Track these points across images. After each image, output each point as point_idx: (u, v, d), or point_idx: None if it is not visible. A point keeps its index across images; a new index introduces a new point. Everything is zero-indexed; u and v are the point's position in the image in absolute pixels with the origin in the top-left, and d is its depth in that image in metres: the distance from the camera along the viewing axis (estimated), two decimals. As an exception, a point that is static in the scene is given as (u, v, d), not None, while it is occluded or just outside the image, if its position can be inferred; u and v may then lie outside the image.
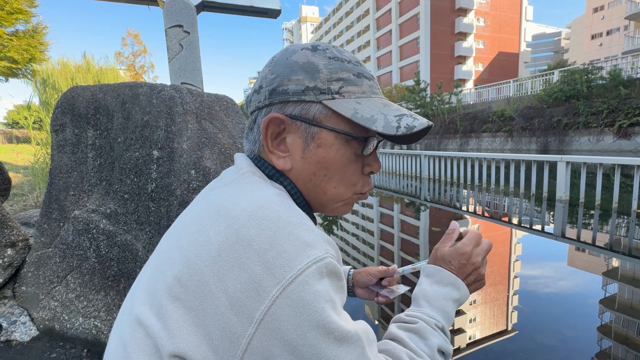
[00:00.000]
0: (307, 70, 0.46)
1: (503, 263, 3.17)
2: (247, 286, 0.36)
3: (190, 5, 3.46)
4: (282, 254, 0.37)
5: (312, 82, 0.46)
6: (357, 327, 0.40)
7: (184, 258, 0.40)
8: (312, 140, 0.47)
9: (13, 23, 7.31)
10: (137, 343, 0.39)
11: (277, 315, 0.35)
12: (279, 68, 0.48)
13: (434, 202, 6.09)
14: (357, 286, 0.79)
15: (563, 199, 5.27)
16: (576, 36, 51.47)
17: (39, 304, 1.84)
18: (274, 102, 0.47)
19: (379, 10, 43.92)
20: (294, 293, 0.35)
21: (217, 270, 0.37)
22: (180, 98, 1.81)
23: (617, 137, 11.81)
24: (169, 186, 1.71)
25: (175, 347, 0.36)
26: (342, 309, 0.41)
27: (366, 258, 3.46)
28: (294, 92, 0.46)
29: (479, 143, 17.03)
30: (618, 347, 1.87)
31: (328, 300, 0.37)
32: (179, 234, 0.45)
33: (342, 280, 0.42)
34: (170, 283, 0.39)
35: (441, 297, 0.56)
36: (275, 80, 0.47)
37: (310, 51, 0.48)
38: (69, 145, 1.93)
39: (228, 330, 0.36)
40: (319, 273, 0.37)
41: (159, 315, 0.39)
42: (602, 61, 14.58)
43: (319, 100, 0.46)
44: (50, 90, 4.65)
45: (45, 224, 1.92)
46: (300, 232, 0.39)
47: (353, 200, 0.53)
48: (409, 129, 0.45)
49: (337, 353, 0.37)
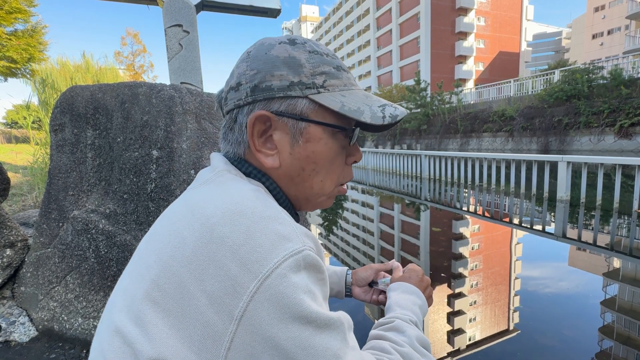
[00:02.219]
0: (290, 65, 0.46)
1: (504, 263, 3.16)
2: (224, 284, 0.35)
3: (189, 5, 3.45)
4: (257, 249, 0.36)
5: (297, 77, 0.45)
6: (338, 314, 0.41)
7: (159, 260, 0.40)
8: (300, 136, 0.47)
9: (12, 22, 7.30)
10: (115, 352, 0.38)
11: (256, 310, 0.35)
12: (259, 64, 0.46)
13: (435, 202, 6.08)
14: (355, 284, 0.79)
15: (564, 199, 5.26)
16: (577, 36, 51.44)
17: (38, 304, 1.84)
18: (258, 99, 0.46)
19: (379, 9, 43.89)
20: (271, 287, 0.35)
21: (193, 270, 0.37)
22: (180, 98, 1.80)
23: (618, 137, 11.80)
24: (168, 186, 1.70)
25: (155, 352, 0.35)
26: (324, 302, 0.41)
27: (366, 258, 3.46)
28: (279, 88, 0.45)
29: (479, 143, 17.02)
30: (619, 347, 1.86)
31: (307, 292, 0.37)
32: (155, 236, 0.44)
33: (323, 273, 0.41)
34: (147, 287, 0.38)
35: (409, 302, 0.64)
36: (257, 77, 0.46)
37: (289, 45, 0.47)
38: (68, 145, 1.92)
39: (210, 329, 0.35)
40: (296, 266, 0.37)
41: (137, 321, 0.38)
42: (603, 61, 14.55)
43: (305, 95, 0.46)
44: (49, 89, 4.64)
45: (44, 224, 1.92)
46: (275, 225, 0.38)
47: (335, 193, 0.54)
48: (393, 118, 0.47)
49: (321, 339, 0.37)
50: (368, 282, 0.78)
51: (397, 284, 0.69)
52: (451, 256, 3.34)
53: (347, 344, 0.40)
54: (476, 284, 2.69)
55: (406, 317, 0.59)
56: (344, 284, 0.79)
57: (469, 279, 2.81)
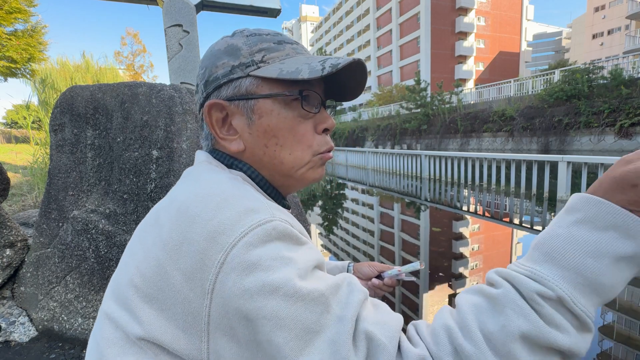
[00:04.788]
0: (229, 52, 0.48)
1: (504, 263, 3.16)
2: (195, 258, 0.36)
3: (189, 5, 3.45)
4: (224, 222, 0.37)
5: (236, 60, 0.47)
6: (323, 284, 0.36)
7: (142, 248, 0.42)
8: (252, 113, 0.47)
9: (12, 22, 7.30)
10: (107, 337, 0.40)
11: (224, 282, 0.35)
12: (205, 62, 0.50)
13: (435, 202, 6.08)
14: (358, 277, 0.79)
15: (564, 199, 5.26)
16: (577, 36, 51.44)
17: (38, 304, 1.84)
18: (210, 92, 0.48)
19: (379, 9, 43.88)
20: (237, 256, 0.35)
21: (169, 250, 0.38)
22: (180, 98, 1.80)
23: (618, 137, 11.78)
24: (168, 186, 1.70)
25: (145, 333, 0.37)
26: (311, 272, 0.38)
27: (366, 258, 3.46)
28: (223, 75, 0.47)
29: (479, 143, 17.01)
30: (619, 347, 1.86)
31: (277, 259, 0.35)
32: (141, 228, 0.47)
33: (303, 243, 0.40)
34: (131, 274, 0.40)
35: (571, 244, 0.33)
36: (206, 73, 0.49)
37: (229, 37, 0.50)
38: (68, 145, 1.92)
39: (188, 306, 0.36)
40: (265, 234, 0.36)
41: (125, 306, 0.39)
42: (603, 61, 14.54)
43: (246, 74, 0.47)
44: (49, 89, 4.64)
45: (44, 224, 1.92)
46: (244, 201, 0.39)
47: (317, 163, 0.52)
48: (334, 67, 0.44)
49: (291, 311, 0.34)
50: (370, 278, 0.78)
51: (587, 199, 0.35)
52: (451, 256, 3.34)
53: (332, 315, 0.35)
54: (476, 284, 2.69)
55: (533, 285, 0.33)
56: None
57: (469, 279, 2.80)
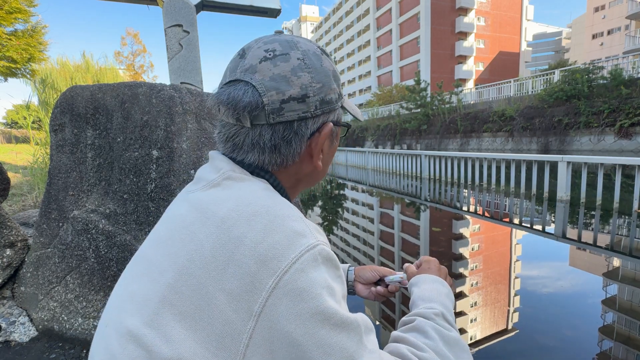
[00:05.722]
0: (335, 78, 0.50)
1: (504, 263, 3.16)
2: (243, 281, 0.36)
3: (189, 5, 3.45)
4: (274, 246, 0.37)
5: (338, 88, 0.51)
6: (356, 316, 0.41)
7: (175, 265, 0.40)
8: (335, 138, 0.53)
9: (12, 22, 7.30)
10: (129, 355, 0.38)
11: (275, 306, 0.35)
12: (320, 76, 0.46)
13: (434, 202, 6.08)
14: (358, 282, 0.79)
15: (564, 199, 5.26)
16: (577, 36, 51.44)
17: (38, 304, 1.84)
18: (325, 112, 0.48)
19: (379, 9, 43.87)
20: (289, 282, 0.36)
21: (212, 270, 0.37)
22: (180, 98, 1.80)
23: (618, 137, 11.78)
24: (168, 186, 1.70)
25: (173, 354, 0.36)
26: (343, 300, 0.41)
27: (366, 258, 3.46)
28: (335, 100, 0.50)
29: (479, 143, 17.01)
30: (619, 347, 1.86)
31: (325, 287, 0.37)
32: (165, 241, 0.44)
33: (339, 269, 0.42)
34: (163, 291, 0.39)
35: (433, 293, 0.60)
36: (323, 90, 0.47)
37: (327, 57, 0.50)
38: (68, 145, 1.92)
39: (228, 327, 0.36)
40: (313, 260, 0.38)
41: (152, 324, 0.38)
42: (603, 61, 14.55)
43: (341, 105, 0.52)
44: (49, 90, 4.64)
45: (44, 224, 1.92)
46: (290, 222, 0.40)
47: None
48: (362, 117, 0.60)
49: (338, 339, 0.37)
50: (372, 282, 0.77)
51: (417, 277, 0.66)
52: (451, 256, 3.34)
53: (365, 346, 0.39)
54: (476, 284, 2.69)
55: (430, 311, 0.55)
56: (345, 281, 0.79)
57: (469, 278, 2.81)
